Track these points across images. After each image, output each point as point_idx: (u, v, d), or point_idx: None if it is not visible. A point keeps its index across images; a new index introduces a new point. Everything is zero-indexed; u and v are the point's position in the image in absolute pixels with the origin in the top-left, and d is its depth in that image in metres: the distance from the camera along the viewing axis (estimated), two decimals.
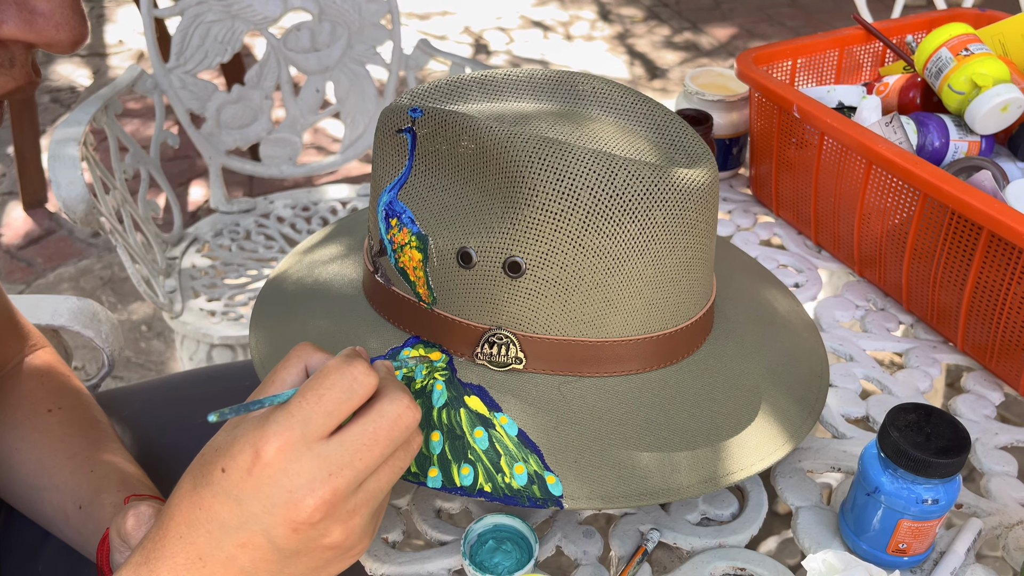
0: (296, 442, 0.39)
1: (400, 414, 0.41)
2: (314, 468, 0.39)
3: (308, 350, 0.44)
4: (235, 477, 0.39)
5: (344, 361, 0.41)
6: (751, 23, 3.14)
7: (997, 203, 0.60)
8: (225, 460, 0.39)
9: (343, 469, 0.40)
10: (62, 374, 0.65)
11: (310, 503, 0.39)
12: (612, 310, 0.51)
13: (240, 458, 0.39)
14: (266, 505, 0.39)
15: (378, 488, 0.42)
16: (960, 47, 0.75)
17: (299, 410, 0.39)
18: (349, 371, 0.40)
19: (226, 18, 1.32)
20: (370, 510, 0.42)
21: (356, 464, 0.40)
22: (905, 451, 0.48)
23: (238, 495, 0.39)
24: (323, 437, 0.40)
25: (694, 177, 0.51)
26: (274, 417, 0.40)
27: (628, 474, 0.49)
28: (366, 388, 0.41)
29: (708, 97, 0.90)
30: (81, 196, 1.01)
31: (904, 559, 0.52)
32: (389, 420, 0.41)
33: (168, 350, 1.69)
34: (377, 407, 0.41)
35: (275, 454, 0.39)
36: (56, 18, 0.36)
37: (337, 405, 0.40)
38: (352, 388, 0.40)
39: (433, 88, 0.57)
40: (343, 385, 0.40)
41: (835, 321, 0.74)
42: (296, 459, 0.39)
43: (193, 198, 2.11)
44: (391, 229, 0.54)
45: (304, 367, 0.44)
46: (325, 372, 0.40)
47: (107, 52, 2.82)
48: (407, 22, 3.10)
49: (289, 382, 0.43)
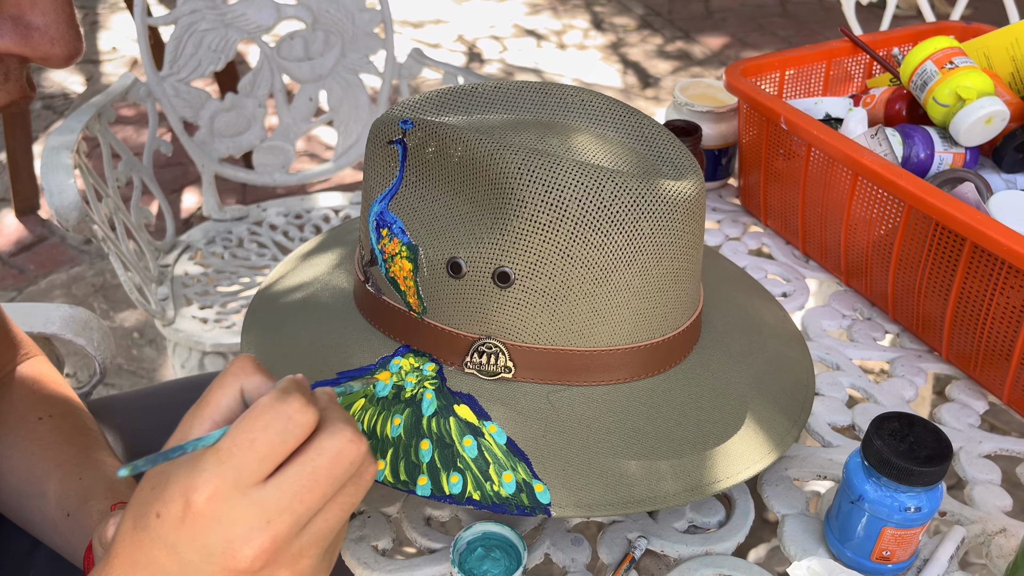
0: (229, 490, 0.37)
1: (341, 449, 0.38)
2: (250, 516, 0.37)
3: (247, 369, 0.41)
4: (169, 525, 0.37)
5: (278, 398, 0.38)
6: (743, 32, 3.16)
7: (980, 215, 0.61)
8: (159, 505, 0.37)
9: (282, 514, 0.37)
10: (53, 382, 0.65)
11: (248, 553, 0.37)
12: (600, 320, 0.52)
13: (172, 506, 0.37)
14: (203, 554, 0.37)
15: (327, 528, 0.39)
16: (945, 60, 0.76)
17: (230, 456, 0.37)
18: (283, 409, 0.37)
19: (220, 27, 1.32)
20: (319, 551, 0.40)
21: (296, 508, 0.37)
22: (888, 459, 0.49)
23: (174, 543, 0.37)
24: (259, 482, 0.37)
25: (680, 189, 0.52)
26: (204, 464, 0.37)
27: (615, 482, 0.50)
28: (302, 427, 0.38)
29: (697, 108, 0.91)
30: (74, 204, 1.01)
31: (888, 566, 0.52)
32: (329, 457, 0.38)
33: (160, 357, 1.69)
34: (316, 443, 0.38)
35: (206, 503, 0.36)
36: (51, 33, 0.36)
37: (271, 448, 0.37)
38: (287, 429, 0.37)
39: (424, 100, 0.57)
40: (277, 426, 0.37)
41: (822, 330, 0.75)
42: (230, 508, 0.37)
43: (186, 205, 2.12)
44: (382, 239, 0.54)
45: (240, 390, 0.40)
46: (258, 411, 0.37)
47: (100, 59, 2.82)
48: (401, 30, 3.11)
49: (224, 405, 0.40)
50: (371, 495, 0.58)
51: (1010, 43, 0.81)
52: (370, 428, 0.51)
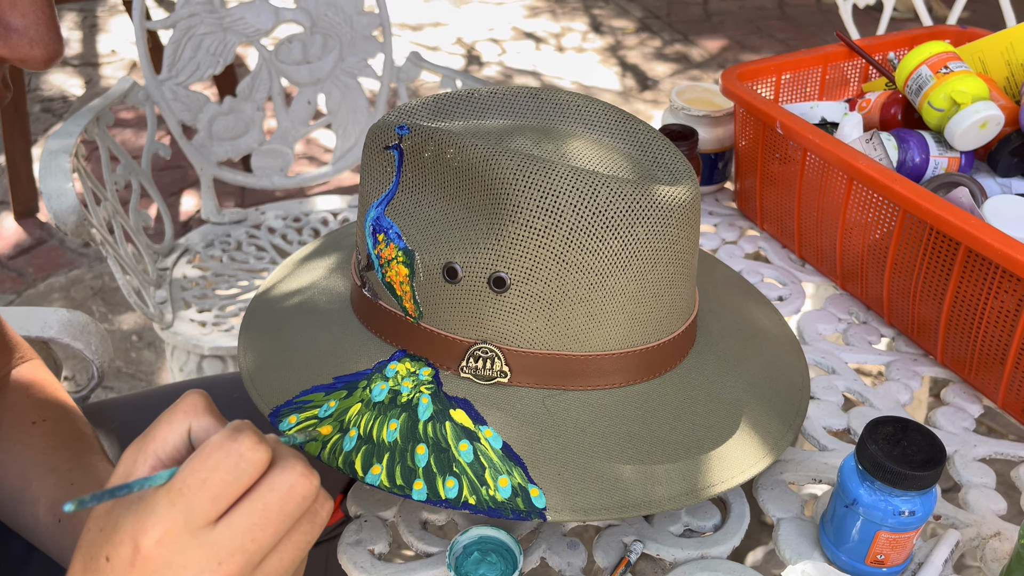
0: (179, 532, 0.36)
1: (293, 484, 0.37)
2: (201, 558, 0.36)
3: (198, 408, 0.39)
4: (119, 568, 0.36)
5: (230, 436, 0.37)
6: (741, 35, 3.17)
7: (974, 219, 0.62)
8: (108, 548, 0.36)
9: (234, 555, 0.36)
10: (48, 386, 0.65)
11: None
12: (595, 324, 0.52)
13: (121, 549, 0.36)
14: None
15: (281, 567, 0.38)
16: (940, 65, 0.76)
17: (181, 497, 0.36)
18: (235, 448, 0.36)
19: (218, 30, 1.33)
20: None
21: (248, 547, 0.37)
22: (882, 464, 0.49)
23: None
24: (210, 523, 0.36)
25: (676, 194, 0.52)
26: (154, 505, 0.36)
27: (610, 486, 0.50)
28: (254, 465, 0.37)
29: (694, 112, 0.91)
30: (72, 207, 1.01)
31: (882, 570, 0.52)
32: (280, 494, 0.37)
33: (158, 360, 1.69)
34: (267, 480, 0.37)
35: (155, 547, 0.36)
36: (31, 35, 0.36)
37: (223, 488, 0.36)
38: (239, 467, 0.36)
39: (421, 105, 0.58)
40: (228, 465, 0.36)
41: (818, 334, 0.75)
42: (181, 551, 0.36)
43: (184, 209, 2.12)
44: (378, 244, 0.55)
45: (188, 429, 0.39)
46: (209, 450, 0.36)
47: (99, 62, 2.82)
48: (399, 33, 3.12)
49: (171, 442, 0.39)
50: (368, 499, 0.58)
51: (1005, 47, 0.81)
52: (366, 432, 0.51)
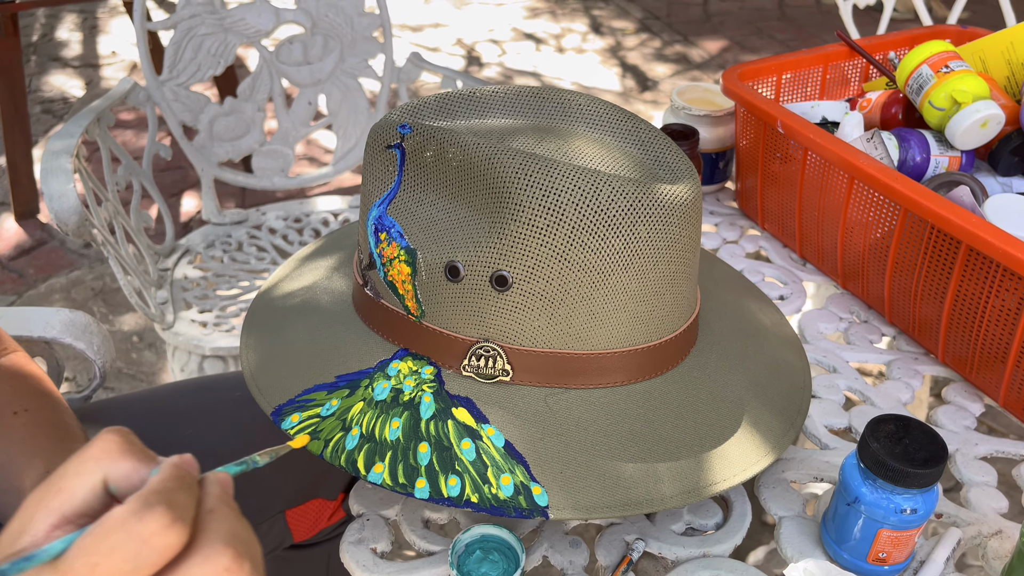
0: None
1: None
2: None
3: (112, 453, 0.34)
4: None
5: (136, 512, 0.30)
6: (741, 36, 3.17)
7: (975, 218, 0.62)
8: None
9: None
10: (32, 377, 0.65)
11: None
12: (597, 323, 0.52)
13: None
14: None
15: None
16: (940, 64, 0.76)
17: None
18: (138, 530, 0.30)
19: (219, 31, 1.33)
20: None
21: None
22: (884, 462, 0.49)
23: None
24: None
25: (677, 193, 0.52)
26: None
27: (612, 484, 0.50)
28: (160, 554, 0.31)
29: (695, 112, 0.91)
30: (73, 208, 1.01)
31: (884, 568, 0.52)
32: None
33: (160, 361, 1.69)
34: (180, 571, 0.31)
35: None
36: None
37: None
38: (140, 555, 0.30)
39: (422, 104, 0.58)
40: (127, 551, 0.30)
41: (819, 333, 0.75)
42: None
43: (185, 209, 2.12)
44: (380, 243, 0.55)
45: (103, 479, 0.33)
46: (108, 528, 0.30)
47: (100, 63, 2.82)
48: (400, 34, 3.12)
49: (79, 496, 0.33)
50: (370, 498, 0.58)
51: (1005, 47, 0.81)
52: (369, 431, 0.51)
